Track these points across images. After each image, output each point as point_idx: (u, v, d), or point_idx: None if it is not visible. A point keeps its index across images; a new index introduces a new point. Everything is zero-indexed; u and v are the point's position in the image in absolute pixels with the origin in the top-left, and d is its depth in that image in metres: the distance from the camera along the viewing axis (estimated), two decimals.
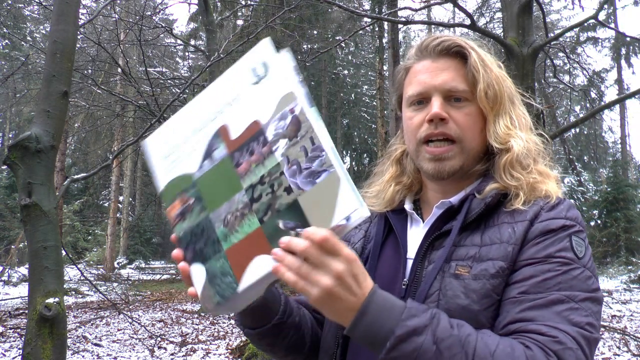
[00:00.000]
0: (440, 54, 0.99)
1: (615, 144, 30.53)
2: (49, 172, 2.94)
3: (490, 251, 0.89)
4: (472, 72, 0.96)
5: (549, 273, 0.84)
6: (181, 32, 18.49)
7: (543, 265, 0.85)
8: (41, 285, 2.78)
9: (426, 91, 0.98)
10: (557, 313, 0.80)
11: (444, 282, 0.89)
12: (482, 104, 0.96)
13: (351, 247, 1.09)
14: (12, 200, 19.05)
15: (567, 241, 0.87)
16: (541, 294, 0.82)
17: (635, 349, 6.73)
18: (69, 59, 3.11)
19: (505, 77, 1.01)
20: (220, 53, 6.37)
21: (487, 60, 0.98)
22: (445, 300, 0.87)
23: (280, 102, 0.76)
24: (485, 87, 0.95)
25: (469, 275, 0.88)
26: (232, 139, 0.80)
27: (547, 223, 0.89)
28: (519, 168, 0.94)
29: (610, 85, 25.23)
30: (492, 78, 0.96)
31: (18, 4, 17.52)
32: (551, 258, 0.85)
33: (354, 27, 14.64)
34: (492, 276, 0.86)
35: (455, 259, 0.91)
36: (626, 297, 11.44)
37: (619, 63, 25.17)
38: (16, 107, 18.59)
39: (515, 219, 0.91)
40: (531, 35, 4.92)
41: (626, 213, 16.86)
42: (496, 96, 0.96)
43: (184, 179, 0.84)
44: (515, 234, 0.89)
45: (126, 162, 22.12)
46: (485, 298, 0.85)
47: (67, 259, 7.99)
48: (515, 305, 0.83)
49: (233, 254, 0.78)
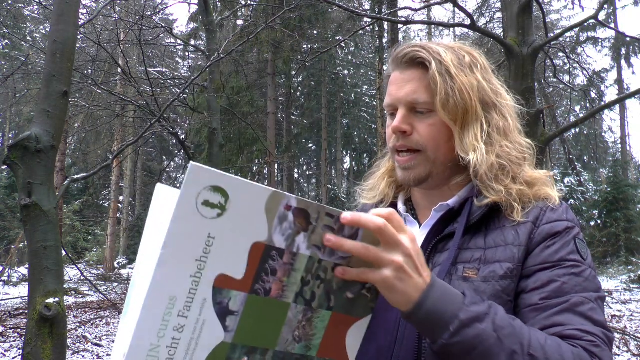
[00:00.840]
0: (408, 64, 0.98)
1: (615, 144, 30.54)
2: (49, 172, 2.94)
3: (496, 253, 0.90)
4: (431, 83, 0.95)
5: (565, 277, 0.87)
6: (181, 32, 18.49)
7: (558, 270, 0.88)
8: (41, 285, 2.78)
9: (393, 103, 0.99)
10: (582, 314, 0.84)
11: (452, 284, 0.89)
12: (442, 117, 0.94)
13: None
14: (12, 200, 19.05)
15: (573, 244, 0.91)
16: (563, 297, 0.86)
17: (635, 349, 6.73)
18: (69, 59, 3.11)
19: (476, 83, 0.97)
20: (220, 53, 6.36)
21: (452, 68, 0.95)
22: None
23: (268, 210, 0.66)
24: (444, 98, 0.93)
25: (478, 278, 0.89)
26: (240, 278, 0.67)
27: (552, 225, 0.91)
28: (498, 179, 0.94)
29: (610, 85, 25.25)
30: (455, 87, 0.94)
31: (18, 4, 17.52)
32: (563, 262, 0.89)
33: (354, 27, 14.64)
34: (501, 277, 0.88)
35: (462, 262, 0.92)
36: (626, 297, 11.44)
37: (619, 63, 25.17)
38: (16, 107, 18.58)
39: (518, 221, 0.92)
40: (531, 35, 4.92)
41: (626, 213, 16.87)
42: (457, 106, 0.94)
43: (219, 350, 0.68)
44: (519, 236, 0.91)
45: (126, 162, 22.12)
46: (496, 300, 0.86)
47: (67, 259, 7.99)
48: (540, 312, 0.86)
49: (325, 351, 0.75)
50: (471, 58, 1.00)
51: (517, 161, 0.96)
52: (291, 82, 22.96)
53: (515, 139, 1.00)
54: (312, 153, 34.39)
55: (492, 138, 0.96)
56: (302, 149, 31.23)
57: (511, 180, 0.94)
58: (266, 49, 16.63)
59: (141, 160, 26.63)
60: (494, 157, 0.95)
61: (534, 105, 4.78)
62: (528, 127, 4.76)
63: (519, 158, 0.97)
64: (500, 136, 0.97)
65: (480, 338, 0.74)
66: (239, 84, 16.89)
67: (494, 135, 0.97)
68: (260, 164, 19.91)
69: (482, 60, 1.02)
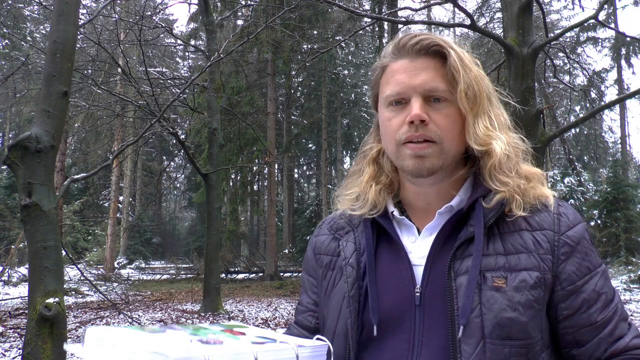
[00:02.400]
0: (419, 53, 0.95)
1: (615, 144, 30.56)
2: (49, 172, 2.94)
3: (520, 260, 0.88)
4: (451, 72, 0.92)
5: (605, 287, 0.92)
6: (181, 32, 18.50)
7: (596, 278, 0.92)
8: (41, 285, 2.78)
9: (405, 92, 0.94)
10: (624, 319, 0.92)
11: (484, 295, 0.86)
12: (462, 105, 0.92)
13: (344, 261, 1.02)
14: (12, 200, 19.06)
15: (594, 251, 0.94)
16: (610, 308, 0.91)
17: None
18: (69, 59, 3.11)
19: (483, 75, 0.98)
20: (220, 53, 6.37)
21: (466, 60, 0.94)
22: (493, 315, 0.85)
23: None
24: (466, 87, 0.92)
25: (509, 287, 0.86)
26: None
27: (574, 231, 0.93)
28: (505, 171, 0.93)
29: (610, 85, 25.28)
30: (471, 78, 0.93)
31: (18, 4, 17.52)
32: (597, 268, 0.93)
33: (354, 27, 14.65)
34: (532, 287, 0.87)
35: (487, 270, 0.88)
36: (626, 297, 11.44)
37: (619, 63, 25.19)
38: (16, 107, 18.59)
39: (532, 226, 0.92)
40: (531, 35, 4.91)
41: (626, 213, 16.88)
42: (475, 96, 0.93)
43: None
44: (540, 244, 0.91)
45: (126, 162, 22.12)
46: (529, 309, 0.86)
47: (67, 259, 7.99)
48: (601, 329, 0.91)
49: None
50: (471, 54, 1.00)
51: (518, 154, 0.97)
52: (291, 82, 22.96)
53: (510, 133, 0.99)
54: (312, 153, 34.42)
55: (500, 131, 0.96)
56: (302, 149, 31.25)
57: (515, 174, 0.93)
58: (266, 49, 16.63)
59: (141, 160, 26.64)
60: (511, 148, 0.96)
61: (534, 105, 4.77)
62: (528, 127, 4.76)
63: (517, 152, 0.97)
64: (502, 130, 0.97)
65: None
66: (239, 84, 16.90)
67: (500, 128, 0.97)
68: (260, 164, 19.91)
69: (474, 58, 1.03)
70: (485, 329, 0.84)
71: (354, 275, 0.98)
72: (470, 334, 0.84)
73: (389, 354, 0.90)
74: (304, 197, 36.82)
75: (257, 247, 28.08)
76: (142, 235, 28.74)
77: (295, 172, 33.66)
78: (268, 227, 19.34)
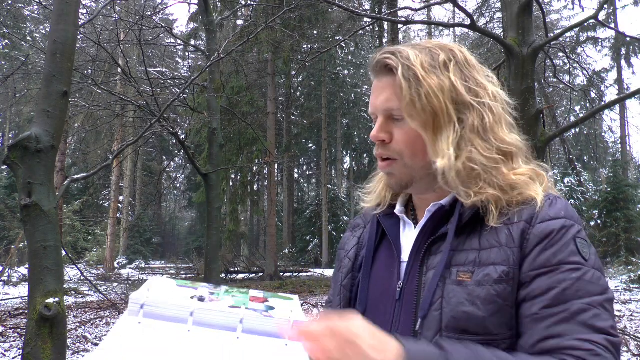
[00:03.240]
0: (381, 72, 0.97)
1: (615, 144, 30.55)
2: (49, 172, 2.94)
3: (491, 255, 0.87)
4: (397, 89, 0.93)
5: (565, 283, 0.83)
6: (181, 32, 18.50)
7: (558, 275, 0.84)
8: (41, 285, 2.78)
9: (373, 112, 0.99)
10: (583, 323, 0.81)
11: (447, 289, 0.88)
12: (410, 123, 0.93)
13: (345, 254, 1.11)
14: (12, 200, 19.06)
15: (573, 244, 0.86)
16: (563, 305, 0.83)
17: (635, 349, 6.73)
18: (69, 59, 3.11)
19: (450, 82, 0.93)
20: (220, 53, 6.36)
21: (420, 71, 0.92)
22: (450, 308, 0.86)
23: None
24: (409, 104, 0.91)
25: (472, 282, 0.86)
26: None
27: (547, 224, 0.87)
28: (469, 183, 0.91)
29: (610, 85, 25.27)
30: (422, 92, 0.91)
31: (18, 4, 17.52)
32: (563, 265, 0.85)
33: (354, 27, 14.65)
34: (496, 282, 0.85)
35: (456, 265, 0.89)
36: (626, 297, 11.44)
37: (619, 63, 25.19)
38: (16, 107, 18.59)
39: (511, 220, 0.89)
40: (531, 35, 4.91)
41: (626, 213, 16.88)
42: (425, 111, 0.91)
43: None
44: (512, 237, 0.87)
45: (126, 162, 22.13)
46: (490, 304, 0.84)
47: (67, 259, 7.99)
48: (540, 322, 0.83)
49: None
50: (447, 56, 0.96)
51: (491, 164, 0.92)
52: (291, 82, 22.97)
53: (497, 136, 0.94)
54: (312, 153, 34.42)
55: (464, 140, 0.92)
56: (302, 149, 31.25)
57: (483, 185, 0.91)
58: (266, 49, 16.64)
59: (141, 160, 26.64)
60: (463, 161, 0.91)
61: (534, 105, 4.77)
62: (528, 127, 4.76)
63: (495, 160, 0.92)
64: (476, 136, 0.93)
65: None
66: (239, 84, 16.90)
67: (467, 136, 0.93)
68: (260, 164, 19.91)
69: (461, 56, 0.97)
70: (442, 322, 0.85)
71: (349, 267, 1.07)
72: (428, 327, 0.87)
73: None
74: (304, 197, 36.83)
75: (257, 247, 28.08)
76: (142, 235, 28.74)
77: (295, 172, 33.66)
78: (268, 227, 19.34)
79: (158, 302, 0.80)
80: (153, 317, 0.80)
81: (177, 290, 0.87)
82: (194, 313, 0.78)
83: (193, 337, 0.78)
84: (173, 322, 0.79)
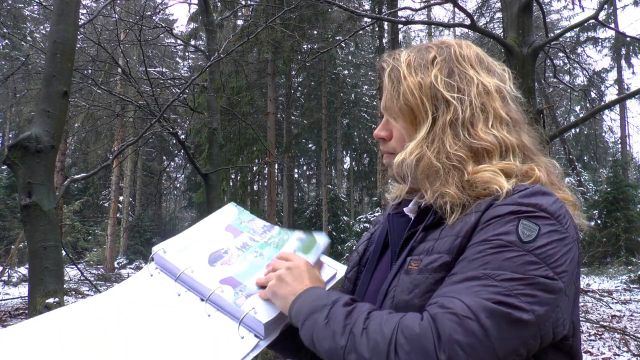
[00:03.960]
0: (382, 73, 1.04)
1: (615, 144, 30.55)
2: (49, 172, 2.94)
3: (441, 244, 0.87)
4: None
5: (478, 254, 0.79)
6: (181, 32, 18.47)
7: (477, 247, 0.81)
8: (41, 285, 2.78)
9: (381, 111, 1.05)
10: (467, 288, 0.76)
11: (398, 278, 0.90)
12: (390, 120, 1.01)
13: (355, 248, 1.16)
14: (12, 200, 19.04)
15: (511, 225, 0.80)
16: (463, 273, 0.79)
17: (635, 349, 6.72)
18: (69, 59, 3.11)
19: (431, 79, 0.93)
20: (220, 53, 6.36)
21: (404, 71, 0.95)
22: (394, 296, 0.88)
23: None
24: (388, 102, 0.98)
25: (416, 270, 0.87)
26: None
27: (495, 210, 0.84)
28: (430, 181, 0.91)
29: (610, 85, 25.24)
30: (400, 90, 0.94)
31: (18, 4, 17.52)
32: (486, 241, 0.80)
33: (354, 27, 14.64)
34: (435, 270, 0.84)
35: (414, 254, 0.90)
36: (626, 297, 11.44)
37: (619, 63, 25.17)
38: (16, 107, 18.58)
39: (470, 211, 0.87)
40: (531, 35, 4.91)
41: (626, 213, 16.88)
42: (401, 109, 0.95)
43: None
44: (465, 226, 0.85)
45: (126, 162, 22.12)
46: (428, 292, 0.83)
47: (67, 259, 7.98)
48: (442, 287, 0.81)
49: None
50: (438, 52, 0.97)
51: (454, 161, 0.90)
52: (291, 82, 22.95)
53: (473, 133, 0.92)
54: (312, 153, 34.39)
55: (434, 137, 0.92)
56: (302, 149, 31.23)
57: (443, 183, 0.89)
58: (266, 49, 16.62)
59: (141, 160, 26.63)
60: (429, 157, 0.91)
61: (534, 105, 4.77)
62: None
63: (460, 157, 0.90)
64: (448, 132, 0.91)
65: (314, 326, 0.86)
66: (239, 84, 16.89)
67: (438, 133, 0.92)
68: (260, 164, 19.90)
69: (456, 51, 0.97)
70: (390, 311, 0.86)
71: (355, 260, 1.12)
72: None
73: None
74: (304, 197, 36.81)
75: None
76: (142, 235, 28.72)
77: (295, 172, 33.64)
78: None
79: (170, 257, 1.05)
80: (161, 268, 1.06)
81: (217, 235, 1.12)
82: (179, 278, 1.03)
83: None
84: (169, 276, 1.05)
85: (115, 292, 1.04)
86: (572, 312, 0.84)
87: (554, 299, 0.77)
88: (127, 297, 1.00)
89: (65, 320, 0.95)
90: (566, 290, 0.80)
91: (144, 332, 0.93)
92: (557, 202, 0.85)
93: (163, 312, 0.97)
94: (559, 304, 0.79)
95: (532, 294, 0.75)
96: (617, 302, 10.48)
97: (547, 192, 0.86)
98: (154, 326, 0.94)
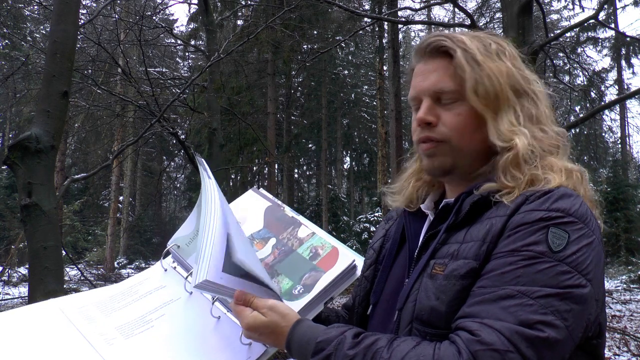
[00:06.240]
0: (431, 55, 0.98)
1: (615, 144, 30.51)
2: (49, 172, 2.93)
3: (467, 249, 0.85)
4: (458, 71, 0.93)
5: (509, 266, 0.78)
6: (181, 32, 18.47)
7: (507, 258, 0.79)
8: (41, 285, 2.78)
9: (417, 95, 0.98)
10: (503, 309, 0.75)
11: (422, 282, 0.88)
12: (473, 103, 0.92)
13: (370, 245, 1.14)
14: (12, 200, 19.04)
15: (541, 234, 0.79)
16: (495, 287, 0.77)
17: (635, 349, 6.72)
18: (69, 59, 3.11)
19: (507, 68, 0.94)
20: (220, 53, 6.36)
21: (478, 55, 0.93)
22: (420, 301, 0.86)
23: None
24: (474, 85, 0.91)
25: (442, 275, 0.85)
26: None
27: (523, 215, 0.82)
28: (522, 166, 0.89)
29: (610, 85, 25.22)
30: (483, 74, 0.92)
31: (18, 4, 17.51)
32: (516, 252, 0.79)
33: (354, 27, 14.62)
34: (462, 277, 0.82)
35: (438, 257, 0.89)
36: (626, 297, 11.44)
37: (619, 63, 25.15)
38: (16, 107, 18.57)
39: (497, 213, 0.86)
40: (531, 35, 4.91)
41: (626, 213, 16.87)
42: (488, 93, 0.91)
43: None
44: (492, 231, 0.84)
45: (126, 162, 22.10)
46: (454, 300, 0.82)
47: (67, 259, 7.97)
48: (469, 298, 0.80)
49: None
50: (498, 45, 0.97)
51: (548, 149, 0.93)
52: (291, 82, 22.94)
53: (548, 127, 0.96)
54: (312, 153, 34.36)
55: (525, 125, 0.93)
56: (302, 149, 31.21)
57: (534, 167, 0.89)
58: (266, 49, 16.62)
59: (141, 160, 26.61)
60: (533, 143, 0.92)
61: None
62: None
63: (551, 145, 0.93)
64: (532, 124, 0.94)
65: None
66: (239, 84, 16.88)
67: (526, 122, 0.94)
68: (260, 164, 19.90)
69: (510, 48, 0.99)
70: (413, 314, 0.87)
71: (372, 258, 1.09)
72: (404, 318, 0.89)
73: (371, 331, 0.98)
74: (304, 197, 36.79)
75: None
76: (142, 235, 28.71)
77: (295, 172, 33.62)
78: None
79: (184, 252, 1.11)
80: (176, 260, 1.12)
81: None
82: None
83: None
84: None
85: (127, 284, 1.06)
86: (599, 314, 0.84)
87: (585, 307, 0.79)
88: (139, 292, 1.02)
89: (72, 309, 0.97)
90: (596, 294, 0.81)
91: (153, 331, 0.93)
92: (583, 205, 0.86)
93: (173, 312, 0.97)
94: (590, 310, 0.80)
95: (567, 309, 0.76)
96: (617, 302, 10.48)
97: (573, 194, 0.86)
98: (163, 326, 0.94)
